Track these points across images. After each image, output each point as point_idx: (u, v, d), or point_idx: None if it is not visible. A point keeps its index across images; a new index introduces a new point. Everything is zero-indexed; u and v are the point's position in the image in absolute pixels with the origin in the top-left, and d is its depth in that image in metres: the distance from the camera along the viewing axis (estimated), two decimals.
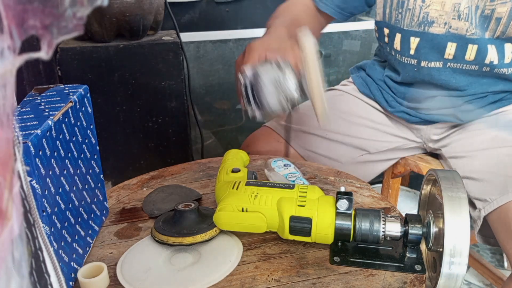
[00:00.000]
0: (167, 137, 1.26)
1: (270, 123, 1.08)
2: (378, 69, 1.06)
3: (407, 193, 1.71)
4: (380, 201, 0.75)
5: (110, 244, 0.66)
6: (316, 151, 1.03)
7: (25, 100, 0.57)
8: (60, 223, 0.53)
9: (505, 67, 0.87)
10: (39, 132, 0.48)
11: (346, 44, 1.82)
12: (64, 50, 1.11)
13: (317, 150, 1.03)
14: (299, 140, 1.04)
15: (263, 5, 1.66)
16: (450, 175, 0.60)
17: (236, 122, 1.82)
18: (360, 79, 1.10)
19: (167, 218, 0.66)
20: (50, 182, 0.50)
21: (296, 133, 1.05)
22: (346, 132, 1.04)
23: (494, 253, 1.57)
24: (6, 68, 0.18)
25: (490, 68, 0.87)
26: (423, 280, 0.57)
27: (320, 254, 0.62)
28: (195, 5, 1.59)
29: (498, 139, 0.87)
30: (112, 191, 0.81)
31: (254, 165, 0.89)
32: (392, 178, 1.17)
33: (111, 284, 0.57)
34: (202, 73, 1.68)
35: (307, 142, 1.04)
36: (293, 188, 0.62)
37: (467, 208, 0.55)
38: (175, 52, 1.18)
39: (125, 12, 1.10)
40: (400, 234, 0.59)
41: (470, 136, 0.92)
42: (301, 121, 1.06)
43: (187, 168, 0.89)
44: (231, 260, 0.60)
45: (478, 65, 0.88)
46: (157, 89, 1.20)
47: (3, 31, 0.18)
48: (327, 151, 1.03)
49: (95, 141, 0.66)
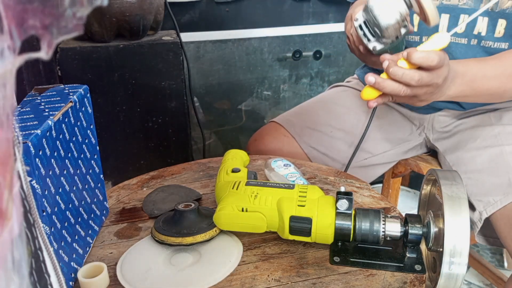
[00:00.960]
0: (167, 137, 1.26)
1: (278, 119, 1.09)
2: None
3: (407, 193, 1.71)
4: (380, 201, 0.75)
5: (110, 244, 0.66)
6: (321, 150, 1.04)
7: (25, 100, 0.57)
8: (60, 223, 0.53)
9: (492, 40, 0.86)
10: (39, 132, 0.48)
11: (346, 44, 1.82)
12: (64, 50, 1.11)
13: (321, 149, 1.04)
14: (304, 136, 1.05)
15: (263, 5, 1.66)
16: (450, 175, 0.60)
17: (236, 122, 1.82)
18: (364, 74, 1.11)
19: (167, 218, 0.66)
20: (50, 182, 0.50)
21: (301, 128, 1.05)
22: (349, 128, 1.04)
23: (494, 253, 1.57)
24: (6, 68, 0.18)
25: (478, 40, 0.86)
26: (423, 280, 0.57)
27: (320, 254, 0.62)
28: (195, 5, 1.59)
29: (502, 136, 0.86)
30: (112, 191, 0.81)
31: (254, 165, 0.89)
32: (392, 178, 1.17)
33: (111, 284, 0.57)
34: (202, 73, 1.68)
35: (311, 138, 1.04)
36: (293, 188, 0.62)
37: (467, 208, 0.55)
38: (175, 52, 1.18)
39: (125, 12, 1.10)
40: (400, 234, 0.59)
41: (471, 134, 0.92)
42: (307, 117, 1.07)
43: (187, 168, 0.89)
44: (231, 260, 0.60)
45: (467, 38, 0.87)
46: (157, 89, 1.20)
47: (3, 31, 0.18)
48: (330, 151, 1.04)
49: (95, 141, 0.66)
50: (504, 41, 0.85)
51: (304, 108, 1.12)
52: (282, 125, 1.07)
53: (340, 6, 1.74)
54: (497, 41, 0.86)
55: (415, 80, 0.66)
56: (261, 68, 1.75)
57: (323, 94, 1.17)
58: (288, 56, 1.77)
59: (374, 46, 0.72)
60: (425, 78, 0.67)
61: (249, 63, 1.73)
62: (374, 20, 0.69)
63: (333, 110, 1.07)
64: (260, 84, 1.78)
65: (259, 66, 1.75)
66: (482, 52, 0.87)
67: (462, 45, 0.88)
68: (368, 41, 0.73)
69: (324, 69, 1.84)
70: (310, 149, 1.04)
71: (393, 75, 0.67)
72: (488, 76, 0.77)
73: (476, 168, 0.85)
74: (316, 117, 1.07)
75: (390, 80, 0.68)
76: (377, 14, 0.68)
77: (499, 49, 0.85)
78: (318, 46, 1.78)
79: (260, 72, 1.76)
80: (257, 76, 1.76)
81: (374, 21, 0.69)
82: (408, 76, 0.66)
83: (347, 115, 1.06)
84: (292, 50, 1.76)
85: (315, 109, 1.10)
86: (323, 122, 1.05)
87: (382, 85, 0.68)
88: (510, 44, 0.85)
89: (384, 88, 0.68)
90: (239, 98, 1.78)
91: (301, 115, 1.09)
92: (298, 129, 1.05)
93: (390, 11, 0.67)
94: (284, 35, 1.73)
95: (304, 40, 1.76)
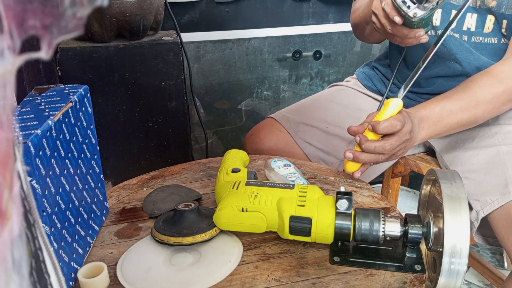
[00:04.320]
0: (167, 137, 1.26)
1: (274, 115, 1.11)
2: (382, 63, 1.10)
3: (407, 193, 1.71)
4: (380, 201, 0.75)
5: (110, 244, 0.66)
6: (316, 145, 1.05)
7: (25, 100, 0.57)
8: (60, 223, 0.53)
9: (482, 36, 0.88)
10: (39, 132, 0.48)
11: (346, 44, 1.82)
12: (64, 50, 1.11)
13: (317, 144, 1.05)
14: (299, 132, 1.06)
15: (263, 5, 1.66)
16: (450, 175, 0.60)
17: (236, 122, 1.82)
18: (363, 74, 1.13)
19: (167, 218, 0.66)
20: (50, 182, 0.50)
21: (297, 124, 1.07)
22: (345, 125, 1.05)
23: (494, 253, 1.57)
24: (6, 68, 0.18)
25: (468, 36, 0.88)
26: (423, 280, 0.57)
27: (320, 254, 0.62)
28: (195, 5, 1.59)
29: (499, 136, 0.86)
30: (112, 191, 0.81)
31: (254, 165, 0.89)
32: (392, 178, 1.17)
33: (111, 284, 0.57)
34: (202, 73, 1.69)
35: (307, 134, 1.05)
36: (293, 188, 0.62)
37: (467, 208, 0.55)
38: (175, 52, 1.18)
39: (125, 12, 1.10)
40: (400, 234, 0.59)
41: (468, 134, 0.92)
42: (303, 114, 1.08)
43: (187, 168, 0.89)
44: (231, 260, 0.60)
45: (458, 33, 0.89)
46: (157, 89, 1.20)
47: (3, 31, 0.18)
48: (326, 146, 1.04)
49: (95, 141, 0.66)
50: (494, 36, 0.86)
51: (301, 105, 1.13)
52: (278, 120, 1.08)
53: (340, 6, 1.74)
54: (487, 36, 0.87)
55: (387, 149, 0.75)
56: (261, 68, 1.75)
57: (321, 93, 1.18)
58: (288, 56, 1.77)
59: (415, 12, 0.73)
60: (394, 143, 0.75)
61: (249, 63, 1.73)
62: None
63: (329, 107, 1.09)
64: (260, 84, 1.78)
65: (259, 66, 1.75)
66: (473, 47, 0.88)
67: (456, 38, 0.89)
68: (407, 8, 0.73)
69: (324, 69, 1.84)
70: (305, 144, 1.05)
71: (367, 151, 0.75)
72: (454, 111, 0.81)
73: (473, 168, 0.85)
74: (312, 114, 1.08)
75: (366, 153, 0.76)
76: None
77: (489, 43, 0.87)
78: (318, 46, 1.79)
79: (260, 72, 1.76)
80: (257, 76, 1.76)
81: None
82: (380, 147, 0.75)
83: (343, 112, 1.07)
84: (292, 50, 1.76)
85: (311, 106, 1.11)
86: (319, 118, 1.07)
87: (360, 158, 0.76)
88: (499, 38, 0.86)
89: (363, 160, 0.76)
90: (239, 98, 1.78)
91: (297, 111, 1.10)
92: (294, 124, 1.06)
93: None
94: (284, 35, 1.73)
95: (304, 40, 1.76)
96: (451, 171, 0.62)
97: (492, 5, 0.83)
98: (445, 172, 0.61)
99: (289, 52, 1.76)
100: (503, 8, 0.83)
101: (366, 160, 0.76)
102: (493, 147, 0.85)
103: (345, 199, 0.58)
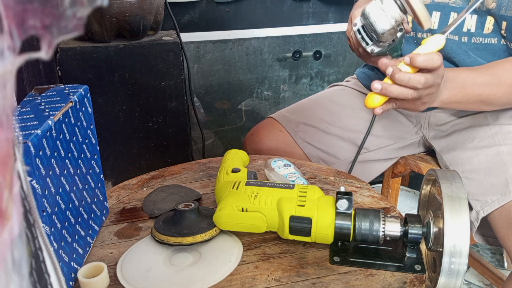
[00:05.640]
0: (167, 137, 1.26)
1: (274, 114, 1.11)
2: None
3: (407, 193, 1.71)
4: (380, 201, 0.75)
5: (110, 244, 0.66)
6: (316, 145, 1.05)
7: (25, 100, 0.57)
8: (60, 223, 0.53)
9: (482, 37, 0.88)
10: (39, 132, 0.48)
11: (346, 44, 1.82)
12: (64, 50, 1.11)
13: (316, 144, 1.05)
14: (299, 132, 1.06)
15: (263, 5, 1.66)
16: (450, 175, 0.60)
17: (236, 122, 1.82)
18: (363, 74, 1.13)
19: (167, 218, 0.66)
20: (50, 182, 0.50)
21: (297, 124, 1.07)
22: (346, 125, 1.05)
23: (494, 253, 1.57)
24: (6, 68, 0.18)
25: (468, 37, 0.88)
26: (423, 280, 0.57)
27: (320, 254, 0.62)
28: (195, 5, 1.59)
29: (499, 136, 0.87)
30: (112, 191, 0.81)
31: (254, 165, 0.89)
32: (392, 178, 1.17)
33: (111, 284, 0.57)
34: (202, 73, 1.69)
35: (307, 134, 1.05)
36: (293, 188, 0.62)
37: (467, 208, 0.55)
38: (175, 52, 1.18)
39: (125, 12, 1.10)
40: (400, 234, 0.59)
41: (468, 134, 0.92)
42: (303, 114, 1.08)
43: (187, 168, 0.89)
44: (231, 260, 0.60)
45: (458, 35, 0.89)
46: (157, 89, 1.20)
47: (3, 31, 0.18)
48: (326, 146, 1.04)
49: (95, 141, 0.66)
50: (493, 37, 0.86)
51: (301, 105, 1.13)
52: (278, 120, 1.08)
53: (340, 6, 1.74)
54: (487, 37, 0.87)
55: (421, 83, 0.68)
56: (261, 68, 1.75)
57: (321, 93, 1.18)
58: (288, 56, 1.77)
59: (372, 49, 0.75)
60: (429, 80, 0.69)
61: (249, 63, 1.73)
62: (370, 26, 0.72)
63: (329, 107, 1.09)
64: (260, 84, 1.78)
65: (259, 66, 1.75)
66: (473, 49, 0.88)
67: (454, 41, 0.89)
68: (366, 44, 0.76)
69: (324, 69, 1.84)
70: (305, 144, 1.05)
71: (399, 81, 0.69)
72: (478, 83, 0.79)
73: (473, 168, 0.85)
74: (312, 114, 1.08)
75: (397, 85, 0.70)
76: (373, 20, 0.71)
77: (489, 44, 0.87)
78: (318, 46, 1.79)
79: (260, 72, 1.76)
80: (257, 76, 1.76)
81: (371, 26, 0.72)
82: (415, 80, 0.68)
83: (343, 112, 1.07)
84: (292, 50, 1.76)
85: (311, 106, 1.11)
86: (319, 118, 1.07)
87: (389, 90, 0.70)
88: (499, 38, 0.86)
89: (391, 92, 0.70)
90: (239, 98, 1.78)
91: (297, 111, 1.10)
92: (294, 124, 1.07)
93: (385, 18, 0.70)
94: (284, 35, 1.73)
95: (304, 40, 1.76)
96: (451, 171, 0.62)
97: (492, 7, 0.83)
98: (445, 172, 0.61)
99: (289, 52, 1.76)
100: (503, 9, 0.83)
101: (394, 93, 0.70)
102: (493, 147, 0.85)
103: (345, 199, 0.58)
